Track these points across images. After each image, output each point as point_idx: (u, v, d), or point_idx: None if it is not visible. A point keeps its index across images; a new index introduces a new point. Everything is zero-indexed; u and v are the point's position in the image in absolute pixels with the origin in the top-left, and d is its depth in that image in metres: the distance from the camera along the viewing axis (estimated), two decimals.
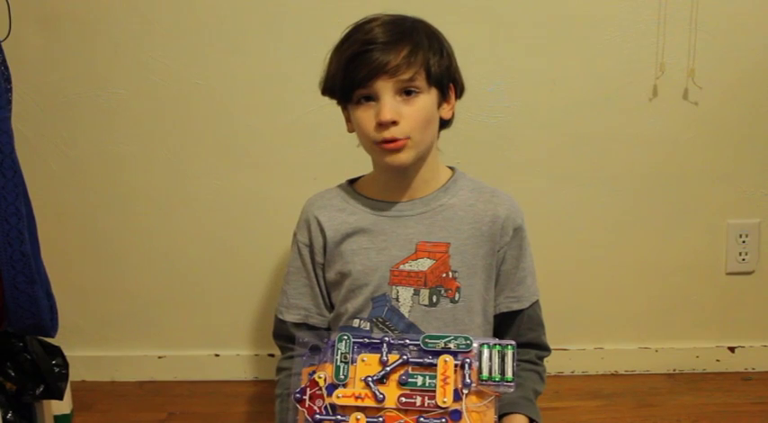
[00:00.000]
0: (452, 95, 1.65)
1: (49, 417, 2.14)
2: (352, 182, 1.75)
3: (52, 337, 1.99)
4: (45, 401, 2.09)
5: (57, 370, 2.03)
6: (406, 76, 1.53)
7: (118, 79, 2.33)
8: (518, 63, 2.32)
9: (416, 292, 1.62)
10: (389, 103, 1.53)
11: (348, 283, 1.65)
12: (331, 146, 2.29)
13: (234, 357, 2.53)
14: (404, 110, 1.54)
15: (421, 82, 1.55)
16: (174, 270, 2.47)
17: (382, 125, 1.53)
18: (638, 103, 2.34)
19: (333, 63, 1.60)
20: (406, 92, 1.55)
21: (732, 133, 2.38)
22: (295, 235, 1.74)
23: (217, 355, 2.53)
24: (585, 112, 2.35)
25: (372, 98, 1.55)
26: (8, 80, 1.88)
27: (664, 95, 2.33)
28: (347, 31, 1.60)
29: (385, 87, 1.53)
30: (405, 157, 1.57)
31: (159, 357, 2.53)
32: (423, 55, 1.54)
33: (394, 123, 1.53)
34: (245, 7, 2.28)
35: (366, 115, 1.56)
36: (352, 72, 1.54)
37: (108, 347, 2.53)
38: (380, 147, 1.56)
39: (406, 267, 1.62)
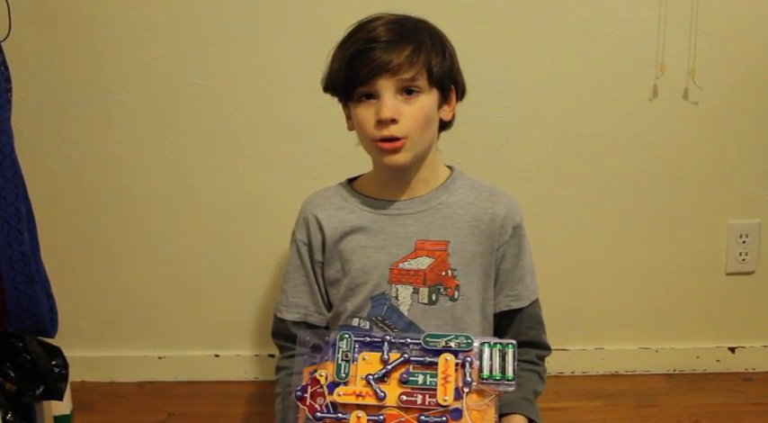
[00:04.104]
0: (453, 97, 1.65)
1: (49, 417, 2.14)
2: (351, 181, 1.75)
3: (52, 337, 1.99)
4: (45, 402, 2.09)
5: (56, 370, 2.03)
6: (407, 76, 1.53)
7: (118, 79, 2.33)
8: (518, 63, 2.32)
9: (416, 291, 1.62)
10: (390, 101, 1.53)
11: (347, 281, 1.65)
12: (331, 146, 2.29)
13: (234, 357, 2.53)
14: (404, 109, 1.54)
15: (422, 82, 1.55)
16: (174, 270, 2.47)
17: (382, 123, 1.54)
18: (638, 104, 2.34)
19: (335, 60, 1.60)
20: (407, 91, 1.55)
21: (732, 133, 2.38)
22: (294, 234, 1.74)
23: (217, 356, 2.53)
24: (585, 112, 2.35)
25: (373, 96, 1.55)
26: (8, 80, 1.88)
27: (664, 95, 2.33)
28: (350, 29, 1.60)
29: (386, 86, 1.53)
30: (402, 157, 1.57)
31: (159, 358, 2.53)
32: (425, 55, 1.54)
33: (393, 121, 1.53)
34: (246, 7, 2.28)
35: (367, 113, 1.56)
36: (355, 70, 1.54)
37: (108, 348, 2.53)
38: (379, 146, 1.57)
39: (406, 266, 1.63)
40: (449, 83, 1.62)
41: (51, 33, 2.30)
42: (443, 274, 1.62)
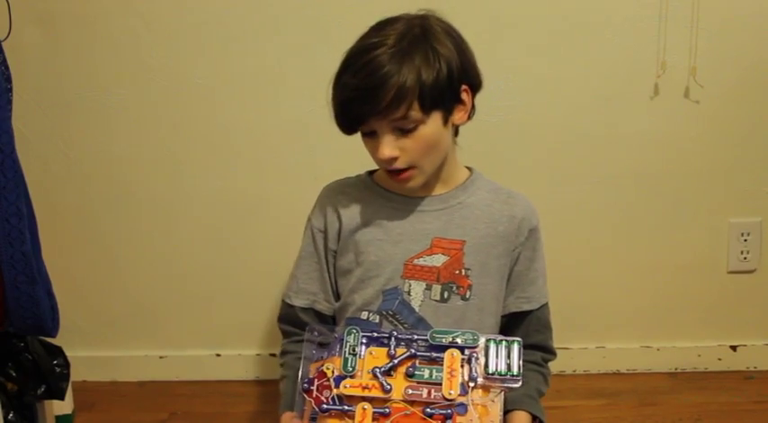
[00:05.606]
0: (466, 97, 1.60)
1: (51, 417, 2.14)
2: (371, 173, 1.75)
3: (53, 337, 1.99)
4: (46, 402, 2.09)
5: (58, 370, 2.03)
6: (398, 115, 1.49)
7: (118, 79, 2.34)
8: (519, 62, 2.32)
9: (428, 287, 1.62)
10: (386, 140, 1.52)
11: (359, 272, 1.65)
12: (331, 146, 2.27)
13: (235, 357, 2.53)
14: (403, 143, 1.53)
15: (416, 113, 1.50)
16: (174, 270, 2.48)
17: (384, 161, 1.55)
18: (639, 102, 2.35)
19: (334, 96, 1.57)
20: (403, 128, 1.52)
21: (733, 132, 2.38)
22: (309, 220, 1.73)
23: (218, 355, 2.53)
24: (586, 110, 2.35)
25: (374, 133, 1.54)
26: (8, 80, 1.88)
27: (665, 94, 2.34)
28: (346, 57, 1.56)
29: (381, 125, 1.52)
30: (413, 183, 1.59)
31: (160, 357, 2.53)
32: (415, 83, 1.49)
33: (395, 158, 1.54)
34: (246, 6, 2.28)
35: (371, 146, 1.57)
36: (348, 114, 1.53)
37: (109, 347, 2.53)
38: (388, 173, 1.59)
39: (421, 262, 1.62)
40: (452, 92, 1.56)
41: (52, 33, 2.30)
42: (457, 272, 1.62)
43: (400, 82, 1.48)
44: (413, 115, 1.50)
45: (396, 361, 1.40)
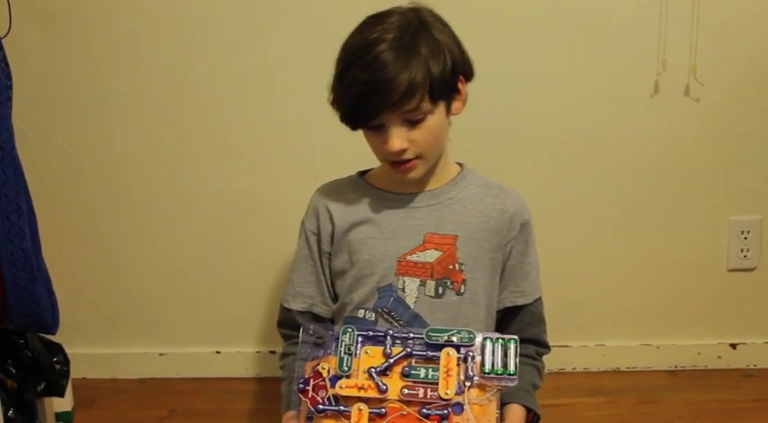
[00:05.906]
0: (462, 87, 1.61)
1: (51, 414, 2.14)
2: (362, 173, 1.75)
3: (53, 334, 1.98)
4: (46, 399, 2.09)
5: (58, 367, 2.03)
6: (410, 107, 1.50)
7: (118, 77, 2.33)
8: (519, 61, 2.31)
9: (423, 283, 1.62)
10: (396, 133, 1.53)
11: (354, 272, 1.65)
12: (332, 143, 2.28)
13: (235, 354, 2.53)
14: (412, 135, 1.54)
15: (426, 104, 1.52)
16: (174, 267, 2.48)
17: (391, 153, 1.55)
18: (639, 100, 2.34)
19: (337, 92, 1.57)
20: (413, 120, 1.53)
21: (734, 130, 2.38)
22: (303, 223, 1.74)
23: (218, 352, 2.53)
24: (586, 108, 2.35)
25: (381, 126, 1.54)
26: (8, 77, 1.87)
27: (665, 92, 2.33)
28: (348, 53, 1.55)
29: (390, 118, 1.52)
30: (416, 173, 1.59)
31: (160, 354, 2.53)
32: (425, 75, 1.50)
33: (403, 150, 1.54)
34: (245, 4, 2.28)
35: (377, 140, 1.56)
36: (357, 110, 1.53)
37: (109, 345, 2.53)
38: (391, 166, 1.59)
39: (414, 258, 1.63)
40: (454, 82, 1.58)
41: (52, 30, 2.30)
42: (451, 267, 1.62)
43: (411, 74, 1.49)
44: (424, 107, 1.52)
45: (392, 360, 1.40)
